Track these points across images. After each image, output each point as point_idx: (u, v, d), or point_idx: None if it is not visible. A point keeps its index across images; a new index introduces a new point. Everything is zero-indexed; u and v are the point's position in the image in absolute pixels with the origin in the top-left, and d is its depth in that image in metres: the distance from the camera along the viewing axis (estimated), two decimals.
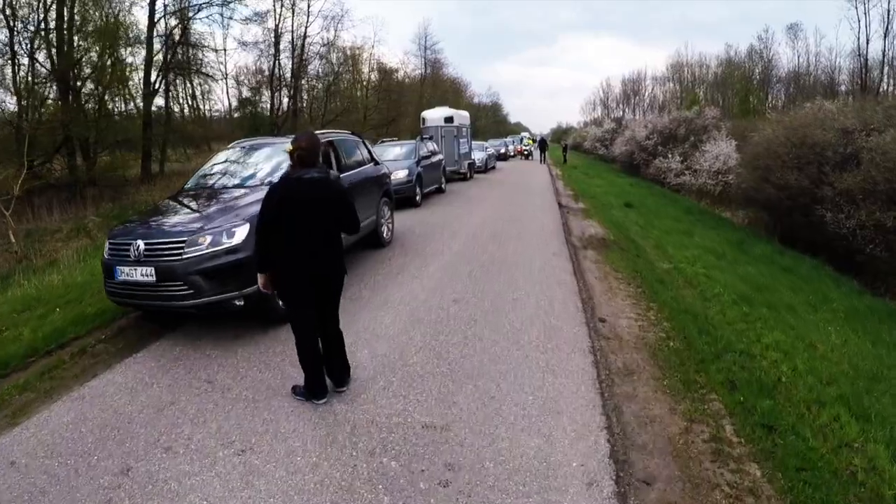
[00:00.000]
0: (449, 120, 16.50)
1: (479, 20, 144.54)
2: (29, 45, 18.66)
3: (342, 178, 5.77)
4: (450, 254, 6.85)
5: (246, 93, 35.51)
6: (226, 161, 5.83)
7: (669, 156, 23.46)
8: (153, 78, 23.50)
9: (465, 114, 18.87)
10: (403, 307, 4.85)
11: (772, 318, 5.56)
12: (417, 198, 11.08)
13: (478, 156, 20.70)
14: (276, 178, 5.13)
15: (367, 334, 4.25)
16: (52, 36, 19.55)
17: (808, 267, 10.34)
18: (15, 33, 18.75)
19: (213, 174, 5.66)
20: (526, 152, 34.67)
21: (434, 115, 16.59)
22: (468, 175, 17.82)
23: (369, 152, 7.17)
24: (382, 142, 12.92)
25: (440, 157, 13.66)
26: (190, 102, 34.56)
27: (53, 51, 19.74)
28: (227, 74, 33.23)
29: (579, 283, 5.82)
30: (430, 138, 14.05)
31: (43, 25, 19.46)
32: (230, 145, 6.21)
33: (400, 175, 10.53)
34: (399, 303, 4.97)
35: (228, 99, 35.09)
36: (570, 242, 7.97)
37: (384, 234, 7.17)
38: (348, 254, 6.43)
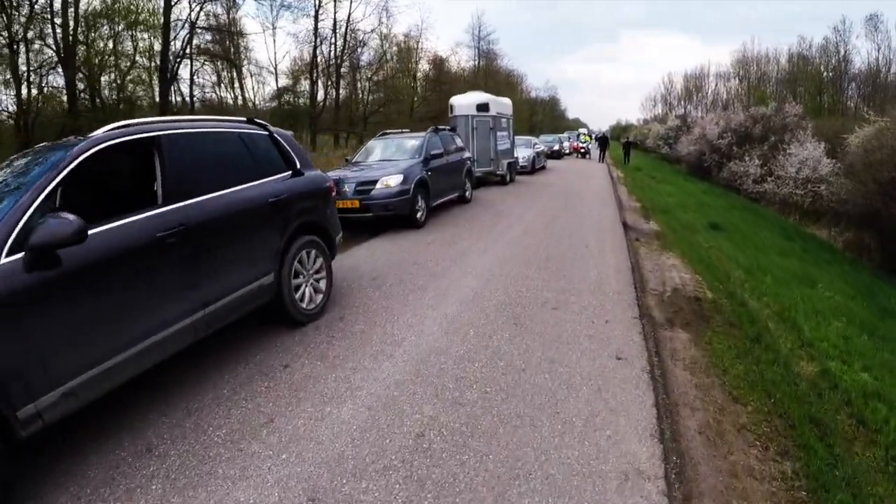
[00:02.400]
0: (483, 108, 13.07)
1: (539, 16, 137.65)
2: (23, 30, 16.95)
3: (130, 226, 2.64)
4: (412, 354, 3.57)
5: (285, 82, 33.73)
6: None
7: (746, 158, 20.22)
8: (171, 64, 21.59)
9: (507, 101, 15.33)
10: None
11: None
12: (419, 214, 7.85)
13: (523, 153, 17.11)
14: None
15: None
16: (58, 20, 17.87)
17: None
18: (16, 15, 17.09)
19: None
20: (583, 150, 30.53)
21: (463, 102, 13.20)
22: (507, 177, 14.33)
23: (283, 154, 4.02)
24: (384, 134, 9.76)
25: (464, 155, 10.33)
26: (238, 93, 32.98)
27: (59, 34, 18.09)
28: (276, 64, 31.40)
29: (671, 477, 2.43)
30: (452, 130, 10.73)
31: (48, 8, 17.80)
32: None
33: (391, 183, 7.35)
34: None
35: (279, 89, 33.24)
36: (644, 312, 4.52)
37: (301, 304, 4.00)
38: (197, 353, 3.06)
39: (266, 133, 3.98)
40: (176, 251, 2.80)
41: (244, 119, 4.00)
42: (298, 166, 4.13)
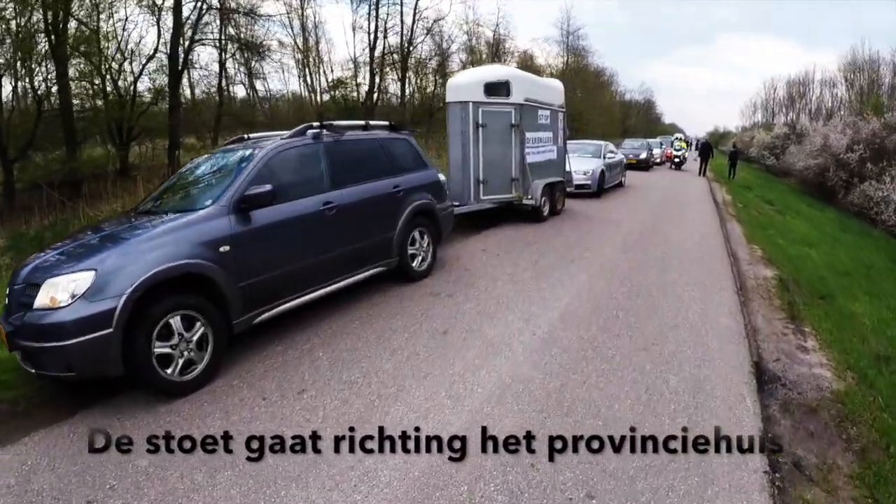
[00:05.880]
0: (497, 90, 7.63)
1: (634, 16, 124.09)
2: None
3: None
4: None
5: (339, 73, 30.49)
6: None
7: (886, 179, 16.24)
8: (180, 50, 18.58)
9: (553, 84, 9.67)
10: None
11: None
12: (173, 369, 3.00)
13: (584, 167, 11.41)
14: None
15: None
16: None
17: None
18: None
19: None
20: (677, 160, 23.60)
21: (462, 81, 7.92)
22: (546, 209, 8.76)
23: None
24: (239, 140, 4.88)
25: (408, 180, 5.09)
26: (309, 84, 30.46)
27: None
28: (355, 57, 28.45)
29: None
30: (393, 129, 5.44)
31: None
32: None
33: (57, 297, 2.64)
34: None
35: (333, 81, 30.36)
36: None
37: None
38: None
39: None
40: None
41: None
42: None
